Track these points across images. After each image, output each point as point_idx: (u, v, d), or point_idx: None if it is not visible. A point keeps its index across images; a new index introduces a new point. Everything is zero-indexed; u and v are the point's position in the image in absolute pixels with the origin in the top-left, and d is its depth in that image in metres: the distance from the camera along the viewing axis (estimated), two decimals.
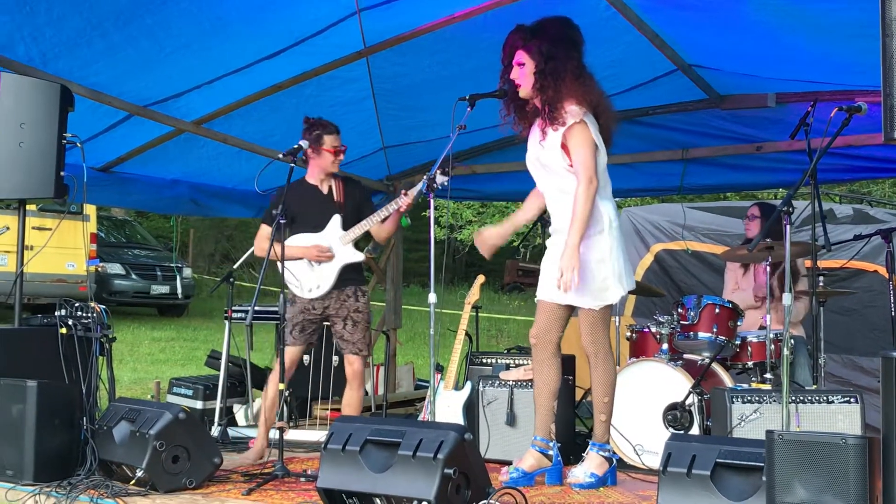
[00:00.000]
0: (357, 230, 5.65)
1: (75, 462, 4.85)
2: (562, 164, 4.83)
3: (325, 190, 5.77)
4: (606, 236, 4.82)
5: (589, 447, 5.04)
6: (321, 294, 5.65)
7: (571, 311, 5.02)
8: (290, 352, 5.66)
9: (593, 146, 4.77)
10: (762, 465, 3.52)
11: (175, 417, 4.70)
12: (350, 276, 5.69)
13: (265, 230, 5.74)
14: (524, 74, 4.86)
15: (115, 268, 16.14)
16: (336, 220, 5.70)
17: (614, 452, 5.16)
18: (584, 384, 5.96)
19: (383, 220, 5.63)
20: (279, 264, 5.42)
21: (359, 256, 5.69)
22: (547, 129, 4.83)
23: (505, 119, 5.07)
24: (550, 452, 5.01)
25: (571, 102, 4.78)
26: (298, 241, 5.65)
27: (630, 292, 7.60)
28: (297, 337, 5.70)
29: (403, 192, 5.58)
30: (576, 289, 4.73)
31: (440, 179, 5.00)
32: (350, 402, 5.78)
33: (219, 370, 7.02)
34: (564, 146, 4.80)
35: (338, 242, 5.67)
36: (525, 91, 4.89)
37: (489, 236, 5.19)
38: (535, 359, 5.09)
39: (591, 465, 4.98)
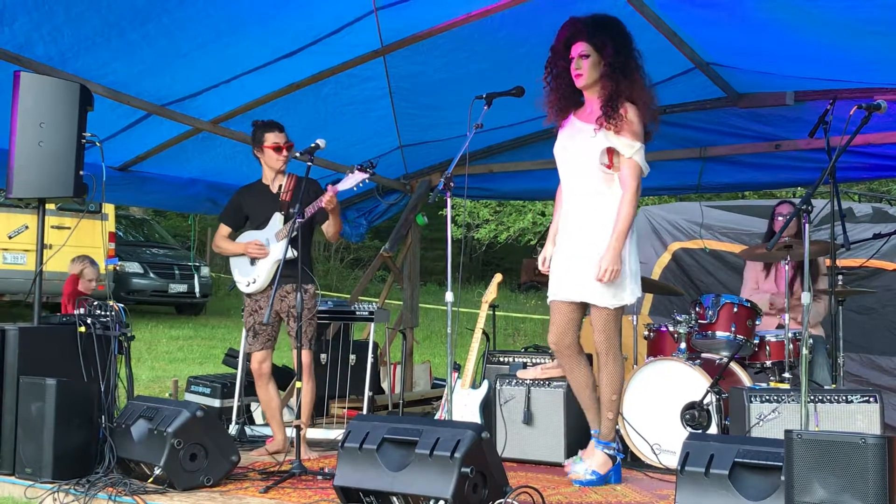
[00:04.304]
0: (287, 228, 5.61)
1: (93, 460, 4.88)
2: (599, 163, 4.82)
3: (274, 189, 5.84)
4: (627, 239, 4.86)
5: (594, 445, 5.05)
6: (257, 289, 5.75)
7: (584, 311, 5.02)
8: (254, 357, 5.81)
9: (640, 170, 4.84)
10: (781, 464, 3.51)
11: (193, 415, 4.72)
12: (290, 272, 5.50)
13: (223, 229, 5.97)
14: (588, 66, 4.83)
15: (134, 266, 16.20)
16: (276, 218, 5.75)
17: (620, 451, 5.15)
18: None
19: (306, 218, 5.46)
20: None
21: (290, 254, 5.48)
22: (601, 124, 4.80)
23: (548, 108, 5.03)
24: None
25: (632, 108, 4.78)
26: (242, 239, 5.88)
27: (648, 291, 7.67)
28: (252, 342, 5.80)
29: (329, 185, 5.55)
30: (594, 286, 4.79)
31: (359, 177, 5.32)
32: (303, 394, 5.60)
33: (236, 368, 7.04)
34: (610, 150, 4.80)
35: (273, 239, 5.72)
36: (585, 81, 4.87)
37: (548, 258, 5.17)
38: (562, 365, 5.13)
39: (593, 462, 4.98)
